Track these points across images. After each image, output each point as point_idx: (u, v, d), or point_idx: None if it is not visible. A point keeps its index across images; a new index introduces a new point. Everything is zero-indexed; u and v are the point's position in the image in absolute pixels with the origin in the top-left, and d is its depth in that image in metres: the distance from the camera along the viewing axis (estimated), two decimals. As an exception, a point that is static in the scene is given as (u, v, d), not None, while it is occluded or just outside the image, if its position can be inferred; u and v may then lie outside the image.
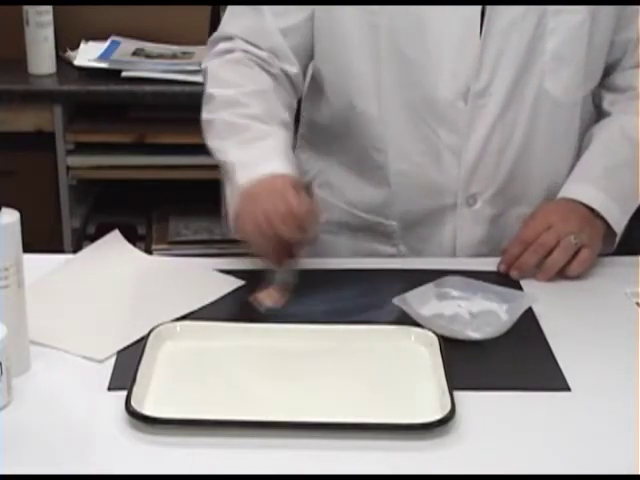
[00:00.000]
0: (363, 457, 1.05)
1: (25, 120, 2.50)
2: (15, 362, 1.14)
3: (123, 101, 2.56)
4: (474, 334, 1.27)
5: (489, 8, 1.43)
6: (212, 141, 1.50)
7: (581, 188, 1.49)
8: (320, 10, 1.51)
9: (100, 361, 1.22)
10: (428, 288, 1.36)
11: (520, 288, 1.40)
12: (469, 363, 1.22)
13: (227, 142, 1.46)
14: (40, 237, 1.80)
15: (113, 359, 1.22)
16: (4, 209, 1.15)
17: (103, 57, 2.55)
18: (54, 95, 2.51)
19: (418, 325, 1.27)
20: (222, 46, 1.56)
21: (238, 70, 1.53)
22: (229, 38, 1.56)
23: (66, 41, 2.62)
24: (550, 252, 1.42)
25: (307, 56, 1.56)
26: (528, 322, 1.30)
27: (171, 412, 1.10)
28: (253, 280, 1.41)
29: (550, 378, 1.20)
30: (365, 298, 1.38)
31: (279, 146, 1.43)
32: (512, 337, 1.27)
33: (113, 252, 1.50)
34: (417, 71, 1.46)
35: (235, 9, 1.58)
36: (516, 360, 1.24)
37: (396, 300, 1.31)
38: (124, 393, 1.11)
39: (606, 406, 1.14)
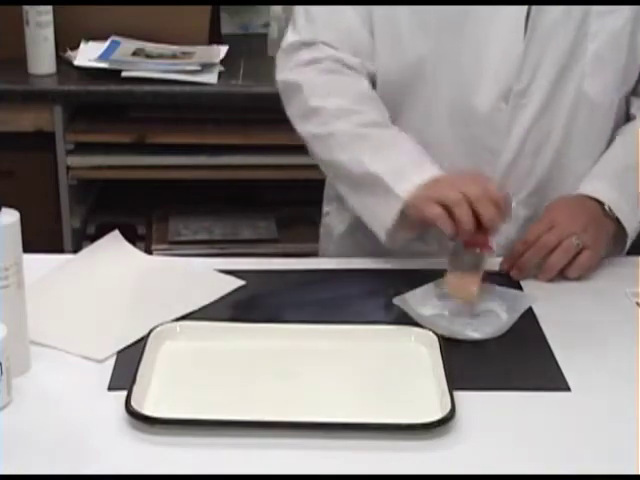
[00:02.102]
0: (363, 457, 1.05)
1: (25, 120, 2.50)
2: (15, 362, 1.14)
3: (123, 101, 2.56)
4: (474, 334, 1.27)
5: (534, 9, 1.43)
6: (335, 154, 1.47)
7: (594, 185, 1.48)
8: (378, 9, 1.50)
9: (100, 361, 1.22)
10: (428, 288, 1.36)
11: (520, 288, 1.40)
12: (469, 363, 1.22)
13: (357, 153, 1.43)
14: (40, 237, 1.79)
15: (113, 359, 1.22)
16: (4, 209, 1.15)
17: (103, 57, 2.54)
18: (54, 95, 2.50)
19: (418, 325, 1.27)
20: (306, 55, 1.52)
21: (337, 79, 1.50)
22: (311, 44, 1.53)
23: (66, 41, 2.62)
24: (551, 252, 1.42)
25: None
26: (528, 322, 1.30)
27: (171, 412, 1.10)
28: (253, 280, 1.41)
29: (550, 378, 1.20)
30: (365, 298, 1.38)
31: (417, 149, 1.44)
32: (512, 337, 1.27)
33: (113, 252, 1.50)
34: (461, 71, 1.47)
35: (310, 9, 1.54)
36: (516, 360, 1.24)
37: (396, 300, 1.31)
38: (124, 393, 1.11)
39: (606, 406, 1.14)
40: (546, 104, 1.48)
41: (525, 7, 1.43)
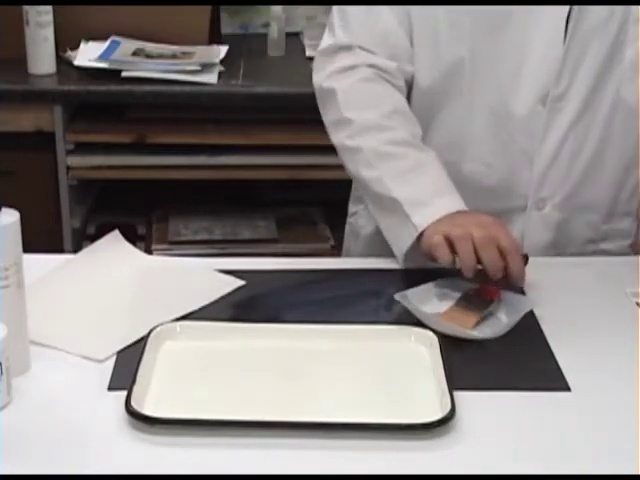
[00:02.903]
0: (363, 457, 1.05)
1: (25, 120, 2.50)
2: (15, 362, 1.14)
3: (123, 101, 2.56)
4: (474, 333, 1.27)
5: (574, 13, 1.43)
6: (360, 170, 1.47)
7: None
8: (415, 9, 1.49)
9: (100, 361, 1.22)
10: (429, 287, 1.36)
11: (521, 291, 1.40)
12: (469, 363, 1.22)
13: (382, 172, 1.44)
14: (40, 237, 1.79)
15: (113, 359, 1.22)
16: (4, 209, 1.15)
17: (103, 57, 2.54)
18: (54, 95, 2.50)
19: (418, 325, 1.27)
20: (343, 61, 1.52)
21: (371, 89, 1.50)
22: (347, 48, 1.52)
23: (66, 41, 2.62)
24: None
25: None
26: (528, 322, 1.30)
27: (171, 412, 1.10)
28: (253, 280, 1.41)
29: (550, 378, 1.20)
30: (365, 298, 1.38)
31: (442, 175, 1.43)
32: (512, 337, 1.27)
33: (113, 252, 1.50)
34: (499, 73, 1.47)
35: (347, 11, 1.53)
36: (516, 360, 1.24)
37: (397, 296, 1.31)
38: (124, 393, 1.11)
39: (606, 406, 1.14)
40: (583, 109, 1.48)
41: (566, 11, 1.43)
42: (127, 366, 1.17)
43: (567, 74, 1.46)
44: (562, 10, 1.44)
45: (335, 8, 1.55)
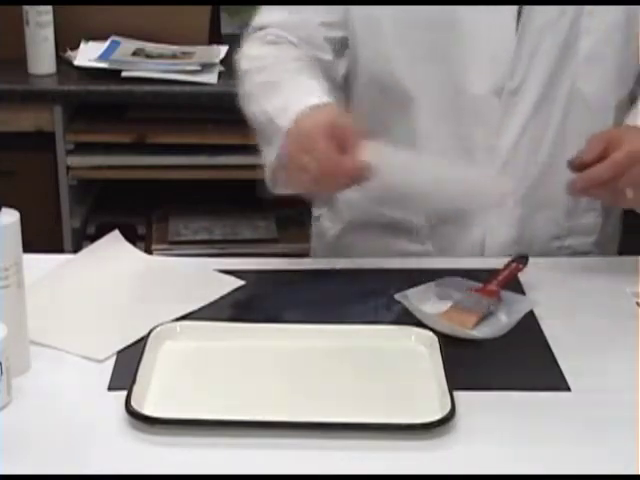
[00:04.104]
0: (363, 457, 1.05)
1: (25, 120, 2.50)
2: (15, 362, 1.14)
3: (123, 101, 2.56)
4: (474, 333, 1.27)
5: (526, 7, 1.43)
6: (250, 109, 1.47)
7: None
8: (356, 9, 1.50)
9: (100, 361, 1.22)
10: (429, 287, 1.36)
11: (521, 291, 1.40)
12: (469, 363, 1.22)
13: (262, 99, 1.43)
14: (40, 237, 1.79)
15: (113, 359, 1.22)
16: (4, 209, 1.15)
17: (103, 57, 2.54)
18: (54, 95, 2.50)
19: (418, 325, 1.27)
20: (254, 35, 1.55)
21: (272, 46, 1.52)
22: (262, 28, 1.55)
23: (66, 41, 2.62)
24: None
25: (343, 52, 1.54)
26: (528, 322, 1.30)
27: (171, 412, 1.10)
28: (253, 280, 1.41)
29: (550, 378, 1.20)
30: (365, 298, 1.38)
31: (313, 79, 1.42)
32: (512, 337, 1.27)
33: (113, 252, 1.50)
34: (453, 69, 1.46)
35: (271, 6, 1.57)
36: (516, 360, 1.24)
37: (397, 296, 1.31)
38: (124, 393, 1.11)
39: (606, 406, 1.14)
40: (540, 102, 1.47)
41: (516, 6, 1.43)
42: (127, 366, 1.17)
43: (521, 68, 1.45)
44: (511, 8, 1.43)
45: (262, 6, 1.58)
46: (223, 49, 2.63)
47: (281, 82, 1.44)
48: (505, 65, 1.45)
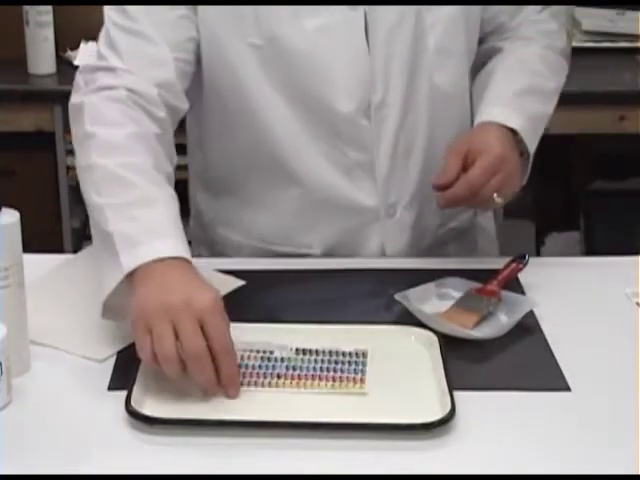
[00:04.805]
0: (363, 457, 1.05)
1: (25, 120, 2.50)
2: (15, 362, 1.14)
3: (123, 101, 2.56)
4: (474, 333, 1.27)
5: (369, 20, 1.42)
6: (90, 193, 1.30)
7: (497, 110, 1.46)
8: (205, 39, 1.44)
9: (100, 361, 1.22)
10: (429, 287, 1.36)
11: (521, 291, 1.40)
12: (469, 363, 1.22)
13: (105, 201, 1.27)
14: (40, 237, 1.79)
15: (113, 359, 1.22)
16: (4, 209, 1.15)
17: (103, 57, 2.54)
18: (54, 95, 2.51)
19: (418, 325, 1.27)
20: (101, 80, 1.38)
21: (118, 110, 1.35)
22: (109, 69, 1.39)
23: (66, 41, 2.62)
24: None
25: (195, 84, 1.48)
26: (528, 322, 1.30)
27: (171, 412, 1.10)
28: (253, 280, 1.41)
29: (550, 378, 1.20)
30: (365, 298, 1.38)
31: (170, 216, 1.25)
32: (512, 337, 1.27)
33: (113, 252, 1.50)
34: (314, 95, 1.45)
35: (113, 31, 1.42)
36: (516, 360, 1.24)
37: (397, 296, 1.31)
38: (124, 393, 1.12)
39: (606, 406, 1.14)
40: (406, 109, 1.48)
41: (362, 22, 1.42)
42: (127, 366, 1.17)
43: (380, 81, 1.45)
44: (357, 27, 1.42)
45: (104, 27, 1.44)
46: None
47: (133, 195, 1.25)
48: (365, 82, 1.45)
